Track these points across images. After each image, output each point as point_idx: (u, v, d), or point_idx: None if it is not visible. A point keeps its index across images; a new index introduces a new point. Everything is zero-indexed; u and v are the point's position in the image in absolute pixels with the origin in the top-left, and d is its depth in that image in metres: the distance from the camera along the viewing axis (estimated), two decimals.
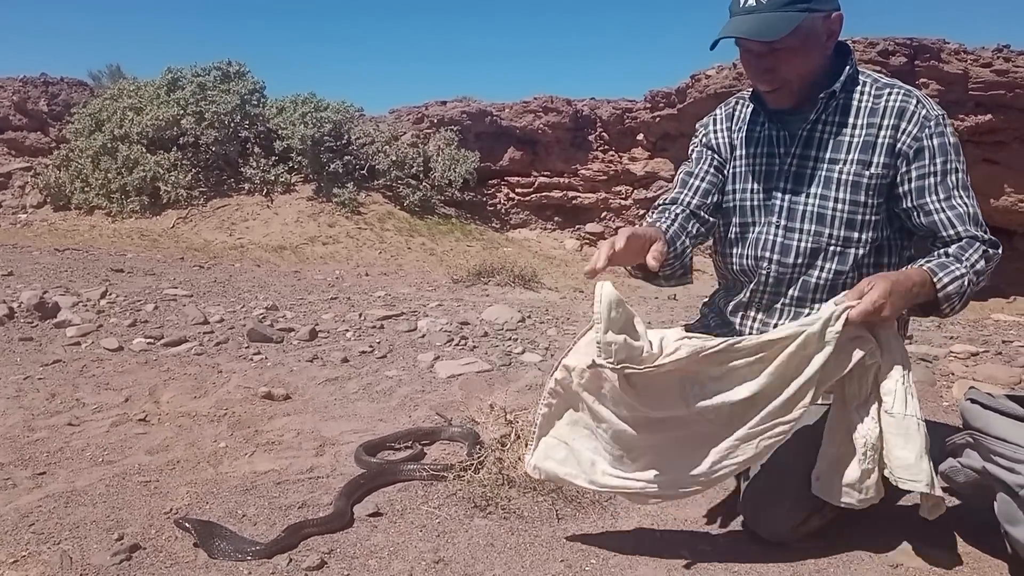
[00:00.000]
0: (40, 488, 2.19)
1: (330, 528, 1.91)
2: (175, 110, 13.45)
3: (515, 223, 16.04)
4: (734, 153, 2.11)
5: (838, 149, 1.93)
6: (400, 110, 16.39)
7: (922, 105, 1.88)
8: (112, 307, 4.95)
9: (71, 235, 11.67)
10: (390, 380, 3.38)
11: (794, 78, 1.89)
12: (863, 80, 1.95)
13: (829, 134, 1.94)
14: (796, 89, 1.91)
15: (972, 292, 1.80)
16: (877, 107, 1.90)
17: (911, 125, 1.86)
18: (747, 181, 2.06)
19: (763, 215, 2.04)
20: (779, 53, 1.83)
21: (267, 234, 12.17)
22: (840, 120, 1.93)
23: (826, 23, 1.85)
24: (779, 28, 1.77)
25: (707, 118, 2.22)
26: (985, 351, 3.98)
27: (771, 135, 2.02)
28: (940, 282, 1.76)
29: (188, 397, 3.10)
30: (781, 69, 1.86)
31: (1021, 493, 1.57)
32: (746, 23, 1.81)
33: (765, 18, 1.79)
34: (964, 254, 1.80)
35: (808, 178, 1.96)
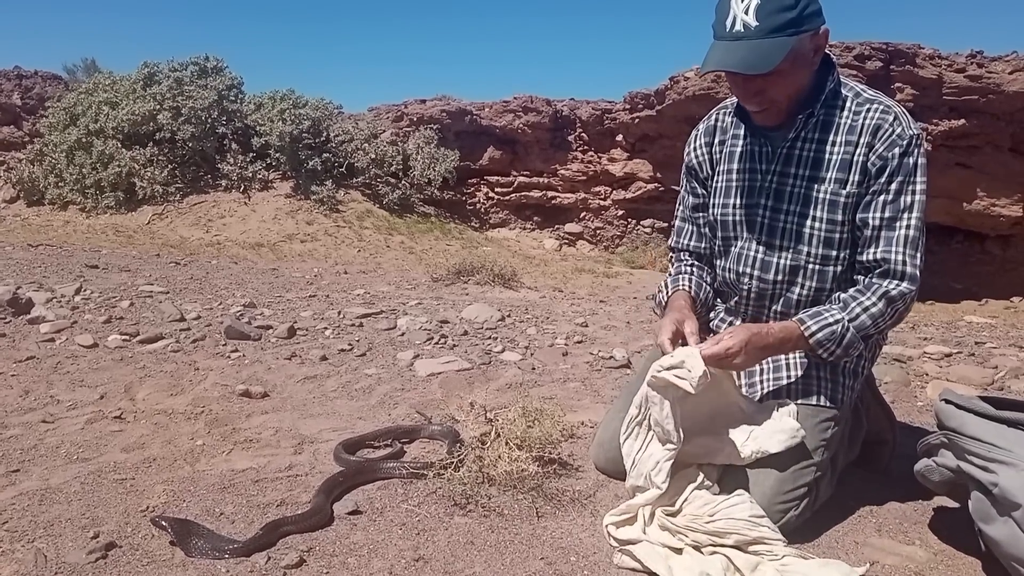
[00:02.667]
0: (14, 486, 2.15)
1: (309, 526, 1.90)
2: (151, 105, 13.33)
3: (494, 222, 16.06)
4: (716, 168, 2.11)
5: (818, 167, 1.93)
6: (379, 108, 16.35)
7: (898, 123, 1.86)
8: (87, 303, 4.89)
9: (45, 230, 11.51)
10: (369, 378, 3.37)
11: (783, 99, 1.87)
12: (845, 95, 1.93)
13: (809, 151, 1.94)
14: (783, 108, 1.90)
15: (857, 337, 1.86)
16: (856, 124, 1.89)
17: (880, 144, 1.85)
18: (729, 196, 2.07)
19: (744, 230, 2.06)
20: (768, 76, 1.79)
21: (244, 231, 12.09)
22: (820, 137, 1.92)
23: (814, 40, 1.81)
24: (772, 58, 1.73)
25: (694, 137, 2.21)
26: (958, 352, 4.04)
27: (753, 150, 2.02)
28: (808, 330, 1.84)
29: (164, 394, 3.07)
30: (770, 91, 1.84)
31: (995, 491, 1.60)
32: (735, 54, 1.76)
33: (755, 47, 1.73)
34: (853, 302, 1.87)
35: (788, 195, 1.97)
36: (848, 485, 2.13)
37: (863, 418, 2.17)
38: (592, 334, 4.47)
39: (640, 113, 14.50)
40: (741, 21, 1.74)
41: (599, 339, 4.33)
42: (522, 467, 2.12)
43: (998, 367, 3.67)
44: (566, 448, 2.47)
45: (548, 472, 2.25)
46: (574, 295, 7.07)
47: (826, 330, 1.83)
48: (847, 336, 1.84)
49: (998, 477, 1.60)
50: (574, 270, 11.85)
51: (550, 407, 2.34)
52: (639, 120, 14.54)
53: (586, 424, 2.72)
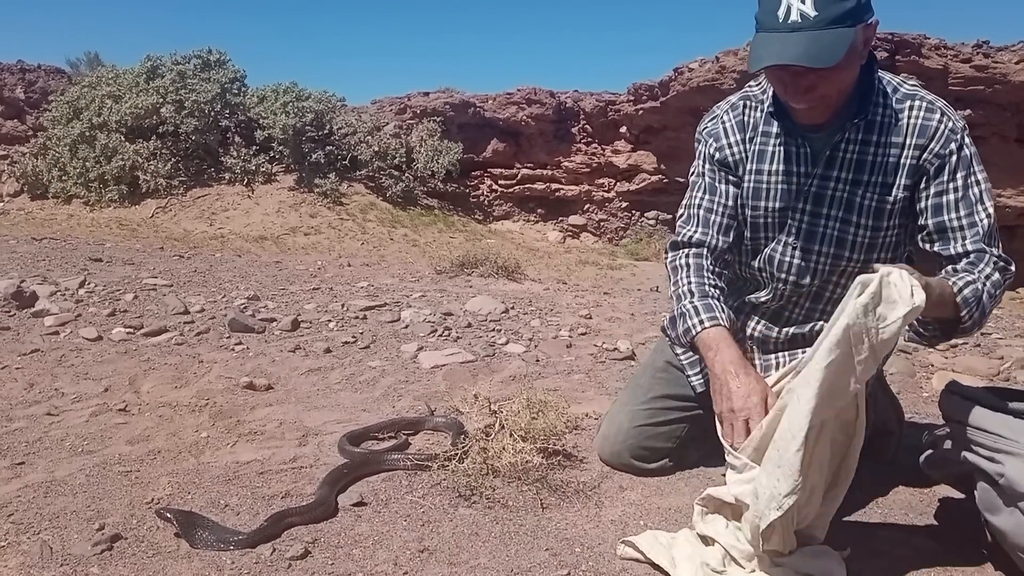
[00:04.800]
0: (19, 478, 2.16)
1: (314, 517, 1.90)
2: (154, 98, 13.31)
3: (498, 215, 16.04)
4: (746, 167, 1.97)
5: (860, 170, 1.83)
6: (382, 100, 16.31)
7: (946, 117, 1.77)
8: (91, 296, 4.89)
9: (49, 224, 11.53)
10: (373, 370, 3.37)
11: (833, 95, 1.75)
12: (882, 89, 1.82)
13: (852, 153, 1.83)
14: (832, 105, 1.78)
15: (989, 304, 1.69)
16: (900, 124, 1.79)
17: (935, 143, 1.76)
18: (760, 198, 1.95)
19: (776, 232, 1.96)
20: (823, 72, 1.64)
21: (248, 224, 12.09)
22: (864, 138, 1.82)
23: (866, 32, 1.68)
24: (836, 51, 1.59)
25: (713, 124, 2.03)
26: (964, 343, 4.02)
27: (790, 151, 1.89)
28: (955, 286, 1.64)
29: (169, 387, 3.07)
30: (821, 88, 1.70)
31: (1001, 482, 1.59)
32: (796, 47, 1.60)
33: (816, 38, 1.59)
34: (975, 268, 1.71)
35: (829, 200, 1.87)
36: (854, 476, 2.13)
37: (870, 409, 2.15)
38: (596, 326, 4.47)
39: (644, 105, 14.45)
40: (798, 11, 1.60)
41: (603, 331, 4.32)
42: (526, 459, 2.12)
43: (1004, 358, 3.66)
44: (570, 440, 2.47)
45: (552, 464, 2.25)
46: (578, 287, 7.05)
47: (969, 288, 1.64)
48: (982, 300, 1.66)
49: (1004, 467, 1.59)
50: (578, 262, 11.84)
51: (554, 399, 2.34)
52: (643, 112, 14.49)
53: (590, 416, 2.72)
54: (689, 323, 1.88)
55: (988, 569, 1.71)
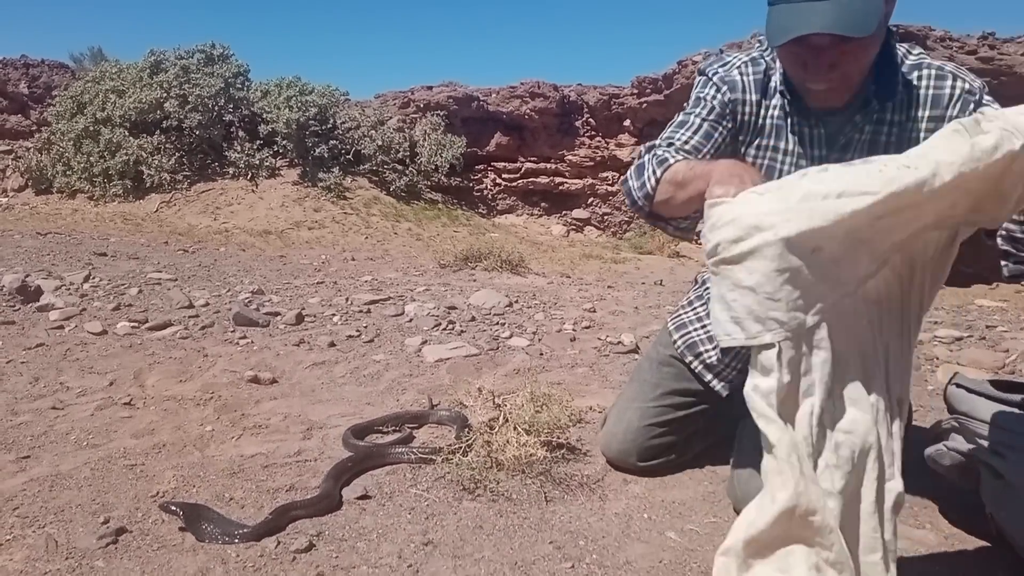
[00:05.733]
0: (24, 472, 2.16)
1: (318, 511, 1.91)
2: (158, 93, 13.32)
3: (502, 209, 16.03)
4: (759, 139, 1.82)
5: (874, 150, 1.71)
6: (386, 95, 16.31)
7: (960, 80, 1.66)
8: (95, 291, 4.90)
9: (53, 219, 11.55)
10: (377, 364, 3.37)
11: (855, 74, 1.60)
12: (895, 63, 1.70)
13: (868, 134, 1.73)
14: (856, 84, 1.63)
15: None
16: (912, 96, 1.69)
17: (953, 109, 1.65)
18: (773, 176, 1.81)
19: None
20: (849, 46, 1.49)
21: (252, 218, 12.10)
22: (879, 117, 1.72)
23: (888, 5, 1.54)
24: (869, 19, 1.44)
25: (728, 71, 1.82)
26: (969, 336, 4.01)
27: (803, 131, 1.77)
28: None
29: (174, 381, 3.08)
30: (845, 64, 1.54)
31: (1006, 476, 1.59)
32: (825, 15, 1.43)
33: (847, 5, 1.43)
34: None
35: None
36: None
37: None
38: (600, 319, 4.47)
39: (648, 98, 14.43)
40: None
41: (607, 324, 4.32)
42: (530, 452, 2.12)
43: (1009, 351, 3.65)
44: (574, 433, 2.47)
45: (556, 457, 2.25)
46: (582, 281, 7.05)
47: None
48: None
49: (1009, 461, 1.59)
50: (582, 256, 11.82)
51: (558, 392, 2.34)
52: (647, 105, 14.47)
53: (594, 409, 2.72)
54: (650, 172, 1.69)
55: (993, 563, 1.70)
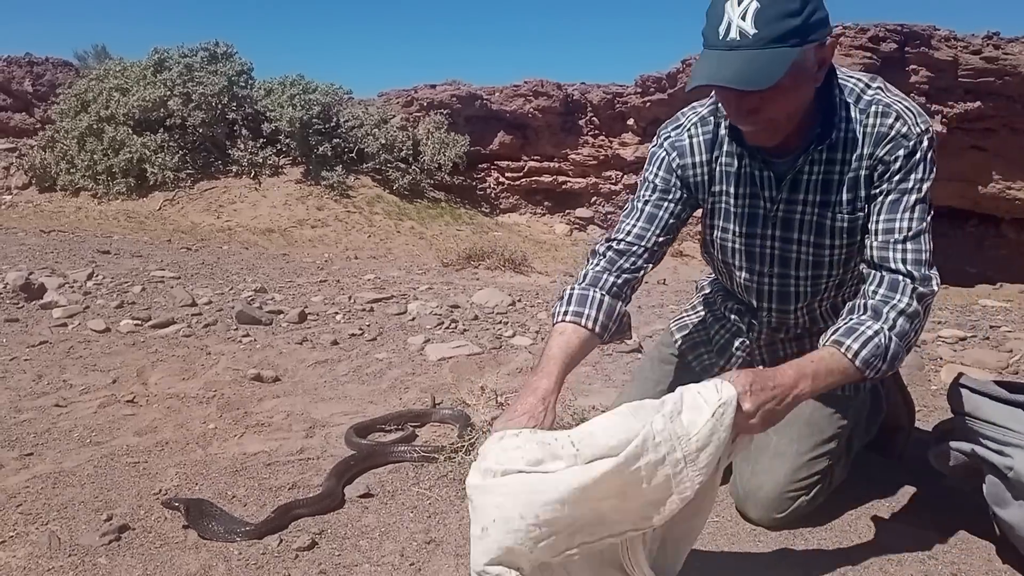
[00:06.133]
0: (27, 469, 2.17)
1: (320, 509, 1.91)
2: (162, 91, 13.34)
3: (505, 207, 16.03)
4: (712, 188, 1.85)
5: (827, 190, 1.72)
6: (389, 93, 16.31)
7: (901, 121, 1.64)
8: (99, 289, 4.91)
9: (57, 217, 11.58)
10: (380, 362, 3.37)
11: (781, 118, 1.61)
12: (844, 102, 1.69)
13: (817, 174, 1.72)
14: (782, 128, 1.65)
15: (901, 349, 1.58)
16: (860, 135, 1.68)
17: (883, 150, 1.65)
18: (730, 221, 1.85)
19: (745, 260, 1.89)
20: (765, 93, 1.51)
21: (255, 217, 12.11)
22: (828, 157, 1.71)
23: (819, 52, 1.54)
24: (772, 73, 1.46)
25: (678, 135, 1.86)
26: (973, 336, 4.01)
27: (753, 174, 1.78)
28: (850, 350, 1.54)
29: (177, 379, 3.08)
30: (766, 110, 1.57)
31: (1010, 475, 1.59)
32: (730, 67, 1.48)
33: (753, 59, 1.46)
34: (886, 306, 1.59)
35: (799, 224, 1.78)
36: (862, 470, 2.12)
37: (882, 402, 2.14)
38: None
39: (651, 97, 14.42)
40: (737, 28, 1.47)
41: None
42: None
43: (1013, 351, 3.64)
44: None
45: None
46: None
47: (870, 345, 1.54)
48: (891, 347, 1.56)
49: (1013, 461, 1.58)
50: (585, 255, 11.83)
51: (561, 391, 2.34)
52: (650, 104, 14.46)
53: (597, 408, 2.71)
54: (558, 308, 1.78)
55: (996, 563, 1.70)
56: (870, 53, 12.80)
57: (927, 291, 1.60)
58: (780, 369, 1.49)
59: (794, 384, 1.46)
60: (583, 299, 1.76)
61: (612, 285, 1.79)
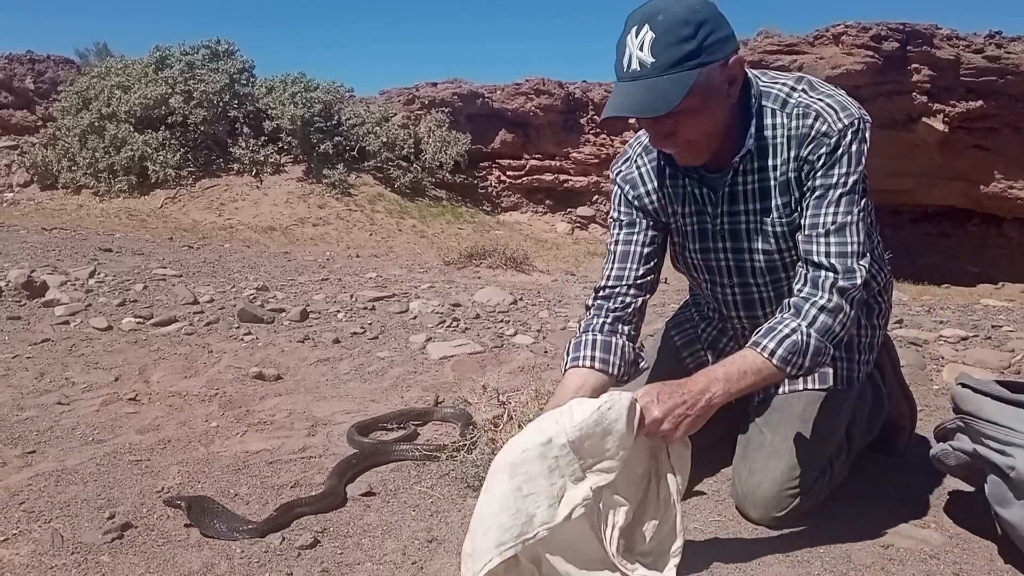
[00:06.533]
0: (30, 467, 2.17)
1: (323, 507, 1.91)
2: (163, 89, 13.35)
3: (506, 206, 16.03)
4: (669, 210, 1.92)
5: (765, 197, 1.77)
6: (391, 91, 16.32)
7: (821, 120, 1.67)
8: (101, 287, 4.91)
9: (58, 214, 11.58)
10: (382, 361, 3.37)
11: (699, 137, 1.67)
12: (771, 107, 1.73)
13: (752, 183, 1.77)
14: (704, 147, 1.70)
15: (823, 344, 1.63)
16: (786, 139, 1.72)
17: (806, 150, 1.69)
18: (685, 239, 1.93)
19: (707, 274, 1.96)
20: (677, 116, 1.58)
21: (257, 215, 12.12)
22: (759, 165, 1.75)
23: (724, 71, 1.59)
24: (671, 98, 1.53)
25: (628, 168, 1.95)
26: (975, 335, 4.00)
27: (695, 192, 1.85)
28: (766, 350, 1.60)
29: (179, 377, 3.09)
30: (682, 132, 1.64)
31: (1011, 475, 1.59)
32: (632, 95, 1.56)
33: (652, 86, 1.53)
34: (806, 303, 1.64)
35: (745, 233, 1.83)
36: (864, 469, 2.12)
37: (885, 401, 2.15)
38: None
39: None
40: (637, 59, 1.54)
41: None
42: None
43: (1015, 351, 3.63)
44: None
45: None
46: (587, 278, 7.05)
47: (787, 343, 1.60)
48: (811, 344, 1.61)
49: (1015, 460, 1.58)
50: (586, 253, 11.83)
51: None
52: None
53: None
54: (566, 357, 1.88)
55: (998, 563, 1.70)
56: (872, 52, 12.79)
57: (848, 284, 1.64)
58: (692, 377, 1.58)
59: (704, 389, 1.54)
60: (578, 345, 1.86)
61: (603, 324, 1.88)
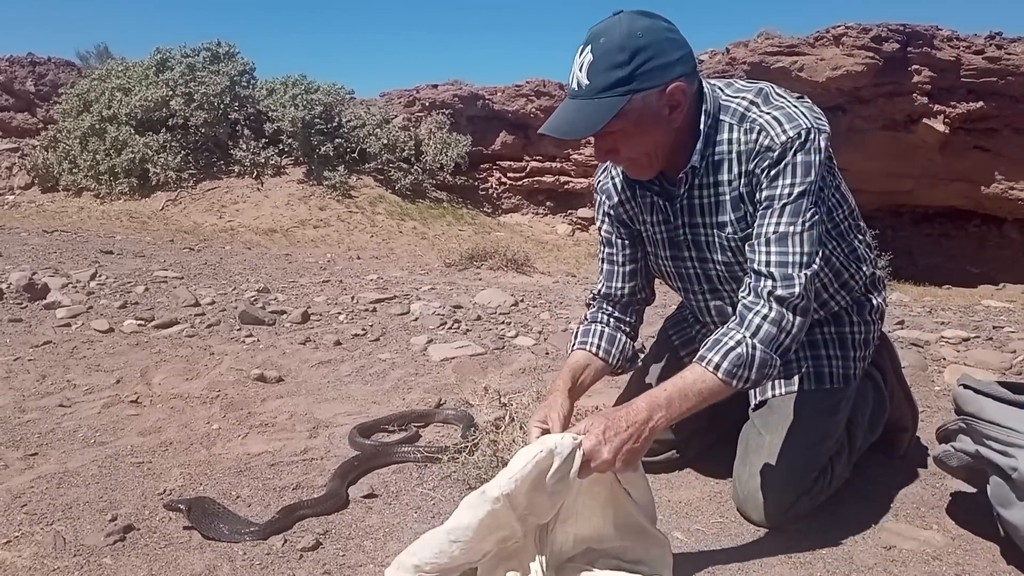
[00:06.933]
0: (32, 469, 2.17)
1: (325, 509, 1.91)
2: (164, 91, 13.35)
3: (507, 208, 16.03)
4: (641, 219, 1.98)
5: (720, 211, 1.79)
6: (391, 93, 16.32)
7: (764, 134, 1.68)
8: (102, 289, 4.92)
9: (59, 217, 11.59)
10: (383, 363, 3.37)
11: (638, 156, 1.72)
12: (728, 122, 1.74)
13: (709, 197, 1.80)
14: (646, 165, 1.75)
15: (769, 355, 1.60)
16: (736, 154, 1.74)
17: (754, 164, 1.70)
18: (657, 247, 1.98)
19: (679, 281, 2.00)
20: (614, 135, 1.65)
21: (257, 217, 12.12)
22: (715, 180, 1.78)
23: (663, 97, 1.61)
24: (595, 120, 1.58)
25: (605, 179, 2.03)
26: (976, 336, 4.00)
27: (656, 204, 1.90)
28: (711, 364, 1.59)
29: (180, 379, 3.09)
30: (623, 151, 1.70)
31: (1014, 476, 1.59)
32: (562, 115, 1.64)
33: (583, 107, 1.60)
34: (749, 313, 1.63)
35: (706, 245, 1.87)
36: (866, 470, 2.12)
37: (886, 402, 2.15)
38: None
39: None
40: (576, 79, 1.62)
41: None
42: None
43: (1016, 352, 3.63)
44: None
45: None
46: (587, 280, 7.05)
47: (731, 356, 1.59)
48: (756, 356, 1.59)
49: (1017, 462, 1.58)
50: (587, 255, 11.82)
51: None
52: None
53: (600, 408, 2.72)
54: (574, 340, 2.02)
55: (1000, 564, 1.70)
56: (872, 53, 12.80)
57: (786, 293, 1.62)
58: (633, 405, 1.54)
59: (648, 419, 1.52)
60: (587, 332, 2.00)
61: (608, 319, 2.02)
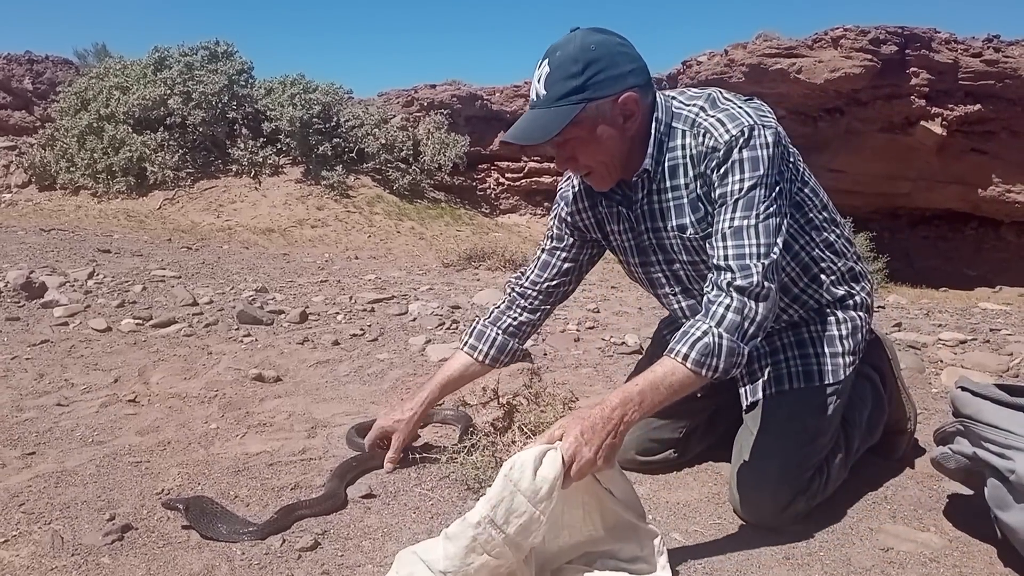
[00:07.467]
0: (30, 468, 2.17)
1: (323, 510, 1.91)
2: (162, 90, 13.35)
3: (505, 208, 16.04)
4: (604, 229, 2.02)
5: (680, 214, 1.83)
6: (389, 93, 16.33)
7: (710, 136, 1.72)
8: (99, 288, 4.91)
9: (57, 215, 11.57)
10: (381, 363, 3.37)
11: (597, 164, 1.77)
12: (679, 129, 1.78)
13: (666, 202, 1.84)
14: (604, 174, 1.81)
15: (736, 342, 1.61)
16: (689, 159, 1.78)
17: (703, 166, 1.74)
18: (626, 255, 2.02)
19: (653, 287, 2.04)
20: (572, 143, 1.72)
21: (255, 216, 12.11)
22: (672, 184, 1.82)
23: (616, 107, 1.68)
24: (551, 127, 1.65)
25: (567, 186, 2.07)
26: (973, 339, 4.01)
27: (618, 211, 1.94)
28: (679, 355, 1.61)
29: (178, 378, 3.08)
30: (580, 159, 1.76)
31: (1011, 478, 1.59)
32: (520, 124, 1.71)
33: (539, 116, 1.68)
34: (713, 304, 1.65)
35: (670, 247, 1.90)
36: (863, 472, 2.13)
37: (885, 404, 2.15)
38: (604, 320, 4.47)
39: None
40: (535, 90, 1.70)
41: (611, 325, 4.32)
42: None
43: (1013, 354, 3.64)
44: None
45: None
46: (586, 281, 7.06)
47: (699, 345, 1.60)
48: (723, 344, 1.60)
49: (1015, 464, 1.59)
50: None
51: (562, 392, 2.34)
52: None
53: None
54: (463, 337, 2.21)
55: (998, 566, 1.71)
56: (870, 55, 12.82)
57: (746, 283, 1.64)
58: (606, 401, 1.57)
59: (623, 415, 1.55)
60: (481, 335, 2.16)
61: (509, 325, 2.15)
